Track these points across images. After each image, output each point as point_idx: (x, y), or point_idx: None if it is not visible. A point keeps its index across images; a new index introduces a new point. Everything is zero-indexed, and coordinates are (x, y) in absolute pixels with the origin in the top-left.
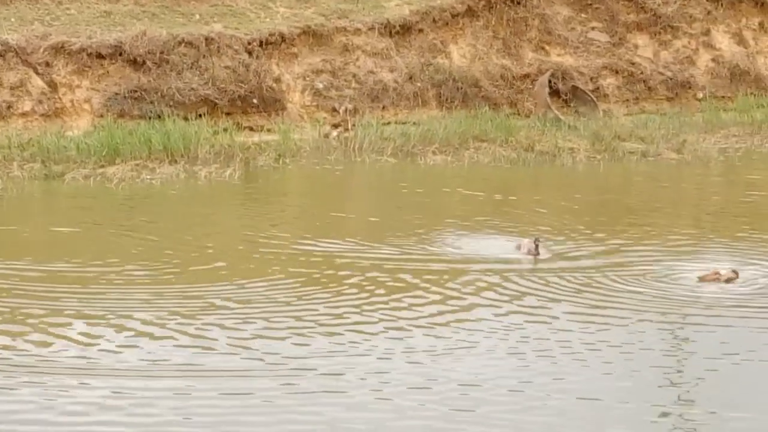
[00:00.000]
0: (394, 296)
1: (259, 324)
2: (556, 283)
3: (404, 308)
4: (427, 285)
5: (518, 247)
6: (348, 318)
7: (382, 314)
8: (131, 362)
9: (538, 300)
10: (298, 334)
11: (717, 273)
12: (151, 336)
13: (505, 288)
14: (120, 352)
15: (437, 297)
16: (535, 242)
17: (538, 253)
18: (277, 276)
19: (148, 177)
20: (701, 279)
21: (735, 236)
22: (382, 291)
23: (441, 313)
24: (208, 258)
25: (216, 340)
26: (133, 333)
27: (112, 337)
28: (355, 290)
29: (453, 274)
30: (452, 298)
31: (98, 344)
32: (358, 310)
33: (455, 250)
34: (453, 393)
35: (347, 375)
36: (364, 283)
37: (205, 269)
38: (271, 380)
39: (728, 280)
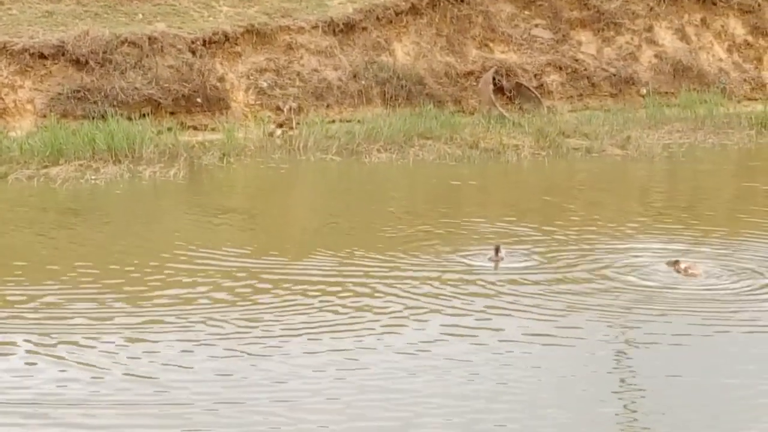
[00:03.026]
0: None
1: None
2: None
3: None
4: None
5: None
6: (249, 332)
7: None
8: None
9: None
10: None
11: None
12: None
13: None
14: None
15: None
16: (495, 248)
17: (500, 259)
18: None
19: (93, 177)
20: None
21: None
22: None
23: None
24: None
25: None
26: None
27: None
28: (265, 305)
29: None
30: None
31: None
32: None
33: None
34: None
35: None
36: (278, 299)
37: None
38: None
39: (686, 272)
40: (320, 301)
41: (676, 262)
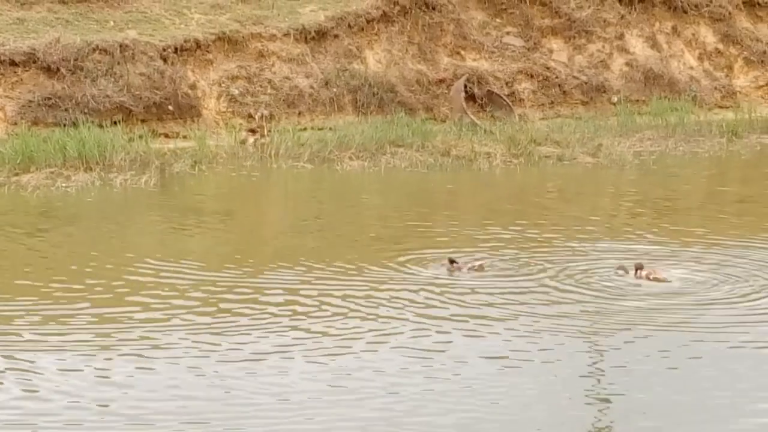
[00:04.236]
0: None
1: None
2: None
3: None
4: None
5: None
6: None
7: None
8: None
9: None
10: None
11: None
12: None
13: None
14: None
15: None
16: (449, 260)
17: (459, 269)
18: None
19: (64, 185)
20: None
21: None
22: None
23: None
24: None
25: None
26: None
27: None
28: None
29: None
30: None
31: None
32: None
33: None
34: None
35: None
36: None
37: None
38: None
39: (648, 278)
40: (291, 320)
41: (638, 269)
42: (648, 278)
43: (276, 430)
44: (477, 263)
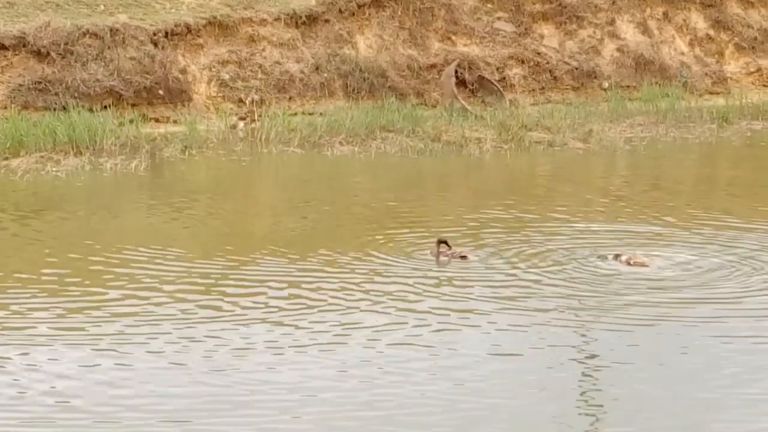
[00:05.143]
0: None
1: None
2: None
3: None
4: None
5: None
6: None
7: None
8: None
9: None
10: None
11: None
12: None
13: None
14: None
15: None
16: (437, 243)
17: (445, 253)
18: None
19: (54, 169)
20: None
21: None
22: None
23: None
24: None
25: None
26: None
27: None
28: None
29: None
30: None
31: None
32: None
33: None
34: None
35: None
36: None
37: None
38: None
39: (629, 263)
40: (279, 313)
41: (617, 256)
42: (629, 263)
43: (261, 429)
44: (460, 251)
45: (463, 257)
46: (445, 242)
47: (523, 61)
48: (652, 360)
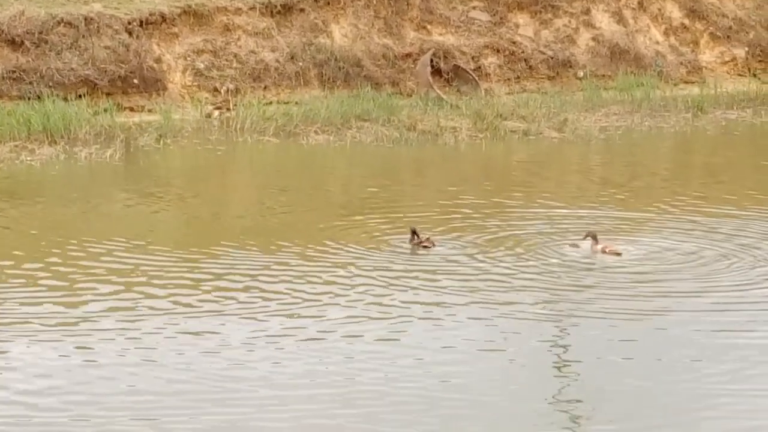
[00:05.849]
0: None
1: None
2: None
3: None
4: None
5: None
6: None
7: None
8: None
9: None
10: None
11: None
12: None
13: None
14: None
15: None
16: (412, 231)
17: (419, 242)
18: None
19: (28, 158)
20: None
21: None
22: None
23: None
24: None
25: None
26: None
27: None
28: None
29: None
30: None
31: None
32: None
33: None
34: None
35: None
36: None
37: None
38: None
39: (604, 251)
40: (257, 307)
41: (588, 235)
42: (604, 252)
43: (235, 427)
44: (425, 237)
45: (426, 247)
46: (414, 231)
47: (498, 51)
48: (639, 354)
